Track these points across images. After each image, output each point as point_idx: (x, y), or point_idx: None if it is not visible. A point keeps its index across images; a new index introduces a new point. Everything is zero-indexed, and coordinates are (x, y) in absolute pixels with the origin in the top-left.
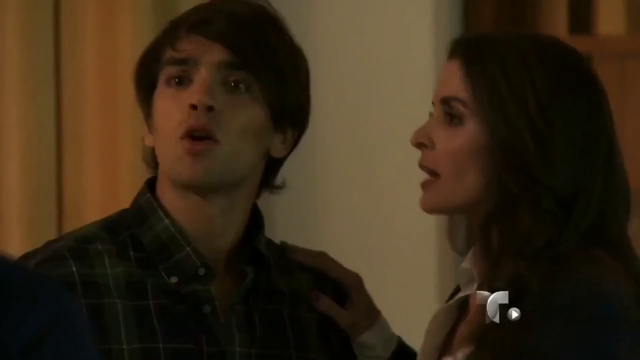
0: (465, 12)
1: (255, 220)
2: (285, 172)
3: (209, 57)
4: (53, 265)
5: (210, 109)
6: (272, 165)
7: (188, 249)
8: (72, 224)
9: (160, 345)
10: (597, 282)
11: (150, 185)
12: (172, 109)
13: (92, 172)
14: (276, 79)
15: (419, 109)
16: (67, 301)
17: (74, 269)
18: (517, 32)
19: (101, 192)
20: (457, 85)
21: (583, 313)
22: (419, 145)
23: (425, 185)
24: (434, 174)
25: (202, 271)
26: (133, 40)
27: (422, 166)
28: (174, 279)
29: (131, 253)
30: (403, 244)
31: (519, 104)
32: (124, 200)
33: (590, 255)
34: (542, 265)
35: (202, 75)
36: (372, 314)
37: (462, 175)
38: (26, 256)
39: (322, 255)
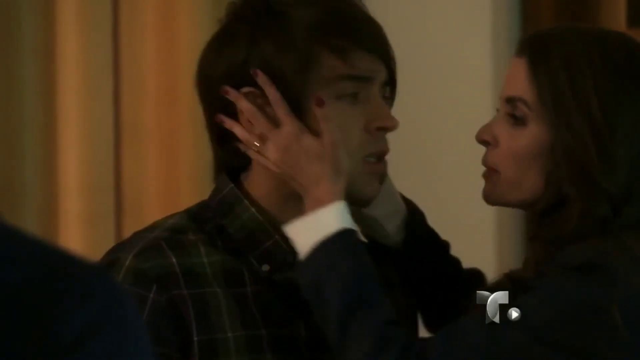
0: (523, 5)
1: None
2: None
3: (377, 75)
4: (152, 255)
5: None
6: None
7: (276, 236)
8: (131, 219)
9: (263, 331)
10: (606, 250)
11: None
12: (347, 127)
13: (151, 167)
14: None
15: (477, 106)
16: (120, 295)
17: (173, 259)
18: (584, 29)
19: (160, 186)
20: (522, 85)
21: (579, 267)
22: (483, 142)
23: (486, 178)
24: (495, 170)
25: (290, 258)
26: (192, 34)
27: (484, 163)
28: (265, 267)
29: (219, 243)
30: (462, 237)
31: (582, 108)
32: (184, 194)
33: (616, 239)
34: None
35: (376, 94)
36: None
37: (522, 175)
38: (119, 248)
39: None
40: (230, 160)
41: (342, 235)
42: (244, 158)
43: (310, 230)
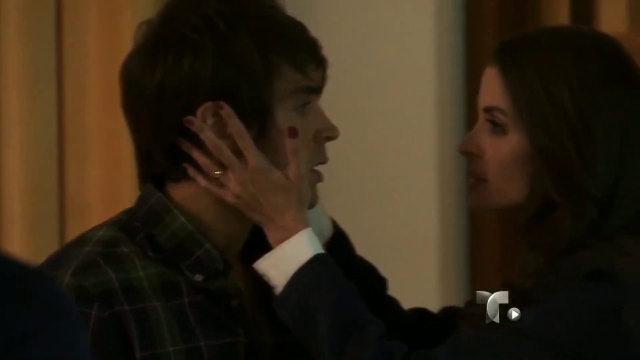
0: (466, 5)
1: None
2: None
3: (322, 86)
4: (90, 273)
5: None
6: None
7: (207, 245)
8: (74, 221)
9: (202, 343)
10: (609, 256)
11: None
12: (302, 138)
13: (94, 169)
14: None
15: (420, 108)
16: (60, 301)
17: (112, 275)
18: (555, 31)
19: (103, 188)
20: (497, 94)
21: (581, 276)
22: (467, 153)
23: (473, 187)
24: (482, 180)
25: (220, 266)
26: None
27: (471, 173)
28: (199, 277)
29: (150, 254)
30: (405, 242)
31: (558, 113)
32: (127, 196)
33: (615, 245)
34: (557, 259)
35: (318, 105)
36: None
37: (508, 182)
38: (54, 265)
39: None
40: (167, 170)
41: (318, 261)
42: (178, 170)
43: (284, 261)
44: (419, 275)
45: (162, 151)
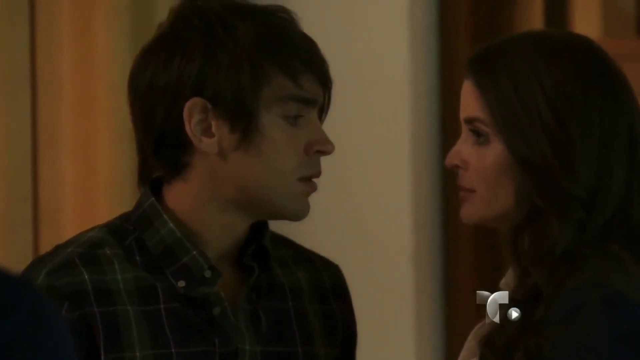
0: (440, 11)
1: None
2: None
3: (319, 99)
4: (64, 273)
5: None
6: None
7: (194, 252)
8: (49, 227)
9: (173, 350)
10: (613, 278)
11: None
12: (289, 147)
13: (68, 176)
14: None
15: (394, 108)
16: (42, 309)
17: (85, 276)
18: (526, 37)
19: (78, 195)
20: (474, 105)
21: (590, 319)
22: (454, 167)
23: (463, 199)
24: (471, 191)
25: (208, 273)
26: (109, 42)
27: (460, 186)
28: (181, 283)
29: (137, 258)
30: (380, 246)
31: (533, 119)
32: (101, 202)
33: (604, 253)
34: (557, 271)
35: (316, 118)
36: None
37: (495, 191)
38: (35, 264)
39: None
40: (160, 170)
41: None
42: (174, 169)
43: None
44: (393, 282)
45: (152, 148)
